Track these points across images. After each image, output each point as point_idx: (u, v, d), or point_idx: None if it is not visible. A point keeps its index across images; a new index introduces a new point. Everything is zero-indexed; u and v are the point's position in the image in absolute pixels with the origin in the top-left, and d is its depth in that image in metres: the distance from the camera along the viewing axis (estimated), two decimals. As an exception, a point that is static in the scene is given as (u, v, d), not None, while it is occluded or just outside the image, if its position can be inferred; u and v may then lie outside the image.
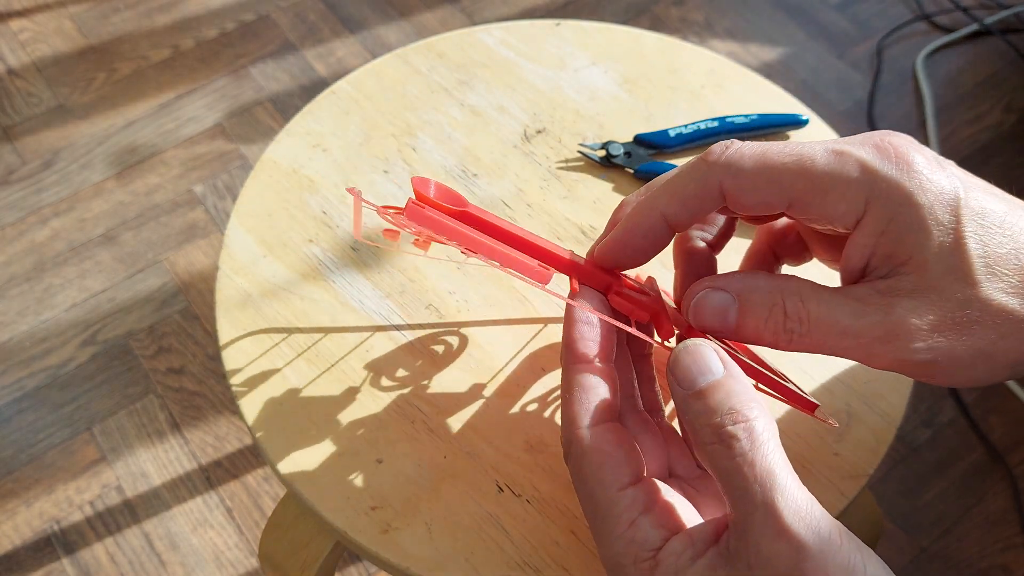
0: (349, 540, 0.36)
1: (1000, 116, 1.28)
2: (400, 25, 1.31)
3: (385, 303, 0.42)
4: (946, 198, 0.27)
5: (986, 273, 0.27)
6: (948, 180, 0.27)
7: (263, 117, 1.19)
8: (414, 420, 0.39)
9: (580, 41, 0.53)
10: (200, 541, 0.88)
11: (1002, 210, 0.28)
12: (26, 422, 0.94)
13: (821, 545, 0.25)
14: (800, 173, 0.28)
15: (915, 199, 0.27)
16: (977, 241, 0.27)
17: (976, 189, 0.28)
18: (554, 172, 0.48)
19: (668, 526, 0.28)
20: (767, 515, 0.25)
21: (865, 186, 0.27)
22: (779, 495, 0.25)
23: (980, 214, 0.27)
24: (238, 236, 0.44)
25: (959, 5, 1.39)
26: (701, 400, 0.28)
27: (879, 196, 0.27)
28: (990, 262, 0.27)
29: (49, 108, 1.19)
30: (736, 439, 0.26)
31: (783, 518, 0.25)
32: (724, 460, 0.26)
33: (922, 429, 1.00)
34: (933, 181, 0.27)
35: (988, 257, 0.27)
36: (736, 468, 0.26)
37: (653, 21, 1.34)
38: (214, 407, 0.96)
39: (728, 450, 0.26)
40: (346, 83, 0.51)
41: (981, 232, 0.27)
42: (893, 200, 0.27)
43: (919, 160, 0.27)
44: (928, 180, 0.27)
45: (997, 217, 0.28)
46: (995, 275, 0.27)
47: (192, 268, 1.05)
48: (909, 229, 0.27)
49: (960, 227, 0.27)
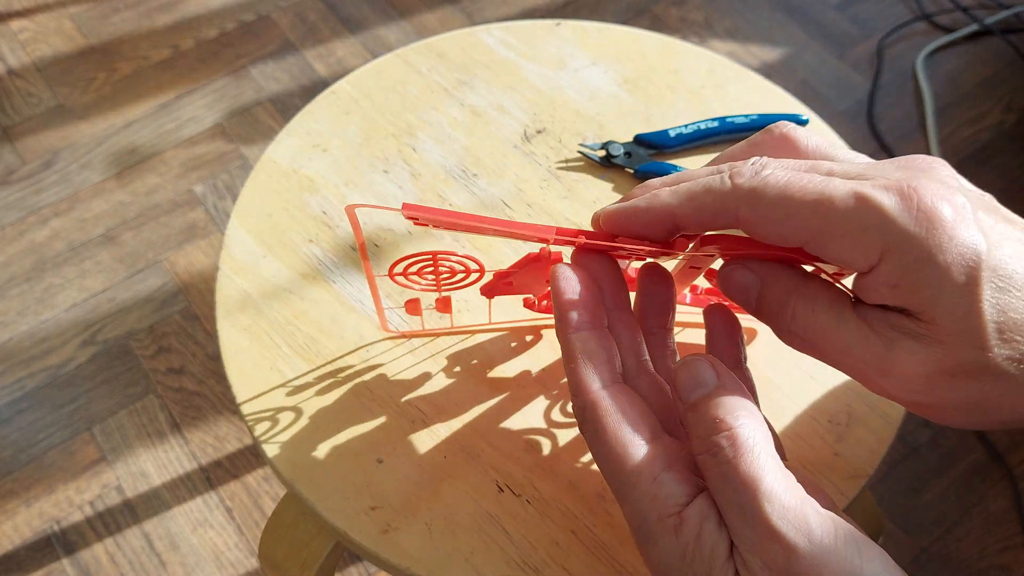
0: (349, 540, 0.36)
1: (1000, 116, 1.28)
2: (400, 25, 1.31)
3: (384, 303, 0.42)
4: (967, 257, 0.26)
5: (998, 339, 0.26)
6: (972, 236, 0.26)
7: (263, 117, 1.19)
8: (414, 420, 0.39)
9: (580, 41, 0.53)
10: (200, 541, 0.88)
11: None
12: (26, 422, 0.94)
13: (812, 547, 0.25)
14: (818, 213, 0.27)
15: (932, 258, 0.26)
16: (993, 306, 0.26)
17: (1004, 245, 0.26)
18: (554, 172, 0.48)
19: (692, 483, 0.28)
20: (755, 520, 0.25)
21: (880, 237, 0.26)
22: (764, 500, 0.25)
23: (1001, 276, 0.26)
24: (238, 236, 0.44)
25: (959, 5, 1.39)
26: (694, 412, 0.28)
27: (894, 250, 0.26)
28: (1004, 327, 0.26)
29: (49, 108, 1.19)
30: (719, 447, 0.26)
31: (770, 521, 0.25)
32: (711, 469, 0.27)
33: (922, 429, 1.00)
34: (955, 239, 0.26)
35: (1003, 323, 0.26)
36: (721, 476, 0.26)
37: (653, 21, 1.34)
38: (214, 407, 0.96)
39: (713, 459, 0.26)
40: (346, 83, 0.51)
41: (999, 296, 0.26)
42: (908, 256, 0.26)
43: (945, 212, 0.26)
44: (949, 238, 0.26)
45: (1020, 279, 0.26)
46: (1007, 341, 0.26)
47: (192, 268, 1.05)
48: (922, 286, 0.26)
49: (978, 289, 0.26)
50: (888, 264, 0.26)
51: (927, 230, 0.26)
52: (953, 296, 0.26)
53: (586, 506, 0.37)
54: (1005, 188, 1.19)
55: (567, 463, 0.38)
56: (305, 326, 0.41)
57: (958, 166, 1.23)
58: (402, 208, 0.30)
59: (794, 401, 0.40)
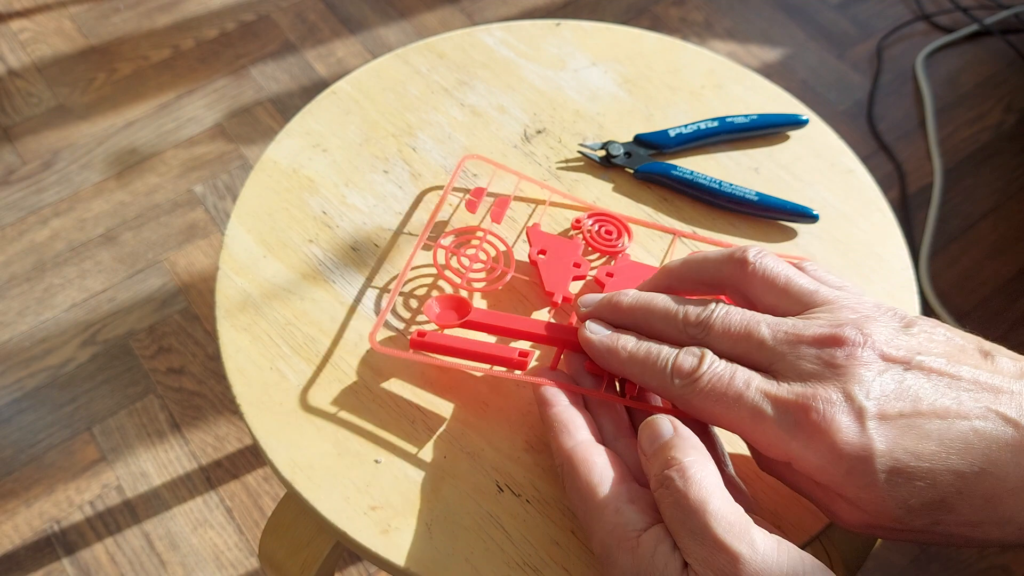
0: (349, 540, 0.36)
1: (1000, 116, 1.28)
2: (400, 25, 1.31)
3: (384, 303, 0.42)
4: (855, 461, 0.29)
5: (907, 515, 0.30)
6: (856, 445, 0.29)
7: (263, 117, 1.19)
8: (414, 420, 0.39)
9: (580, 41, 0.53)
10: (200, 541, 0.88)
11: (919, 450, 0.29)
12: (26, 422, 0.94)
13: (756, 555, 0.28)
14: (736, 424, 0.32)
15: (824, 469, 0.30)
16: (891, 492, 0.29)
17: (894, 435, 0.29)
18: (554, 172, 0.48)
19: (651, 515, 0.31)
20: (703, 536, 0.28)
21: (782, 449, 0.31)
22: (711, 518, 0.28)
23: (894, 466, 0.29)
24: (238, 236, 0.44)
25: (959, 5, 1.39)
26: (653, 458, 0.31)
27: (794, 459, 0.31)
28: (910, 508, 0.29)
29: (49, 108, 1.19)
30: (671, 480, 0.30)
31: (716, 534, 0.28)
32: (664, 500, 0.30)
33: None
34: (841, 453, 0.29)
35: (907, 505, 0.29)
36: (673, 504, 0.30)
37: (653, 21, 1.34)
38: (214, 407, 0.96)
39: (666, 490, 0.30)
40: (346, 83, 0.51)
41: (897, 481, 0.29)
42: (806, 465, 0.30)
43: (828, 427, 0.29)
44: (835, 455, 0.29)
45: (911, 466, 0.29)
46: (915, 515, 0.30)
47: (192, 268, 1.05)
48: (832, 484, 0.30)
49: (875, 484, 0.29)
50: (797, 465, 0.31)
51: (815, 448, 0.30)
52: (856, 491, 0.30)
53: (586, 506, 0.37)
54: (1004, 188, 1.19)
55: (567, 463, 0.38)
56: (305, 326, 0.42)
57: (958, 166, 1.23)
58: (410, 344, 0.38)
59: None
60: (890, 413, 0.30)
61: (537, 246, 0.43)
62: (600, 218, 0.45)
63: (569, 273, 0.42)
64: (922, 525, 0.30)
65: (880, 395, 0.30)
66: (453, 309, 0.40)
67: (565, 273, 0.42)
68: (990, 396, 0.30)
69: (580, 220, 0.45)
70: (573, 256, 0.43)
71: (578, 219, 0.45)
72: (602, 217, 0.45)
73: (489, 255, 0.43)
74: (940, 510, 0.30)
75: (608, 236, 0.45)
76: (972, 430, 0.29)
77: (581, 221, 0.45)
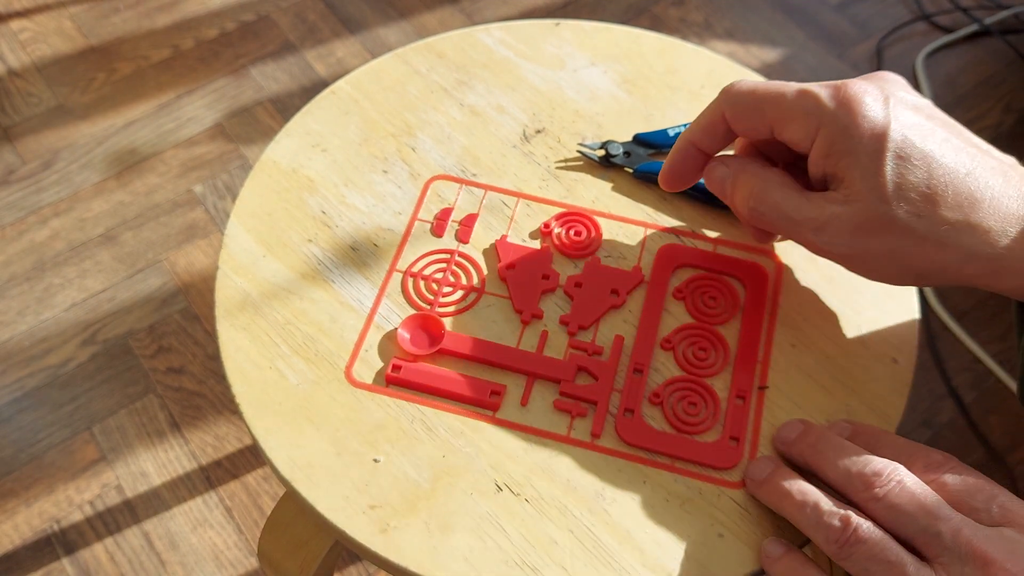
0: (348, 539, 0.36)
1: (1000, 116, 1.28)
2: (400, 25, 1.31)
3: (384, 303, 0.42)
4: (875, 132, 0.34)
5: (896, 196, 0.34)
6: (880, 117, 0.34)
7: (263, 117, 1.19)
8: (413, 420, 0.39)
9: (580, 41, 0.53)
10: (200, 541, 0.88)
11: (925, 146, 0.34)
12: (26, 422, 0.94)
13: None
14: (774, 104, 0.36)
15: (848, 131, 0.34)
16: (893, 169, 0.34)
17: (908, 126, 0.34)
18: (553, 172, 0.48)
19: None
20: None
21: (815, 119, 0.35)
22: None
23: (901, 146, 0.34)
24: (238, 236, 0.44)
25: (959, 5, 1.39)
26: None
27: (824, 127, 0.35)
28: (901, 187, 0.34)
29: (49, 108, 1.19)
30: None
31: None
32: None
33: (922, 429, 1.00)
34: (866, 117, 0.34)
35: (900, 184, 0.34)
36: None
37: (653, 21, 1.34)
38: (214, 407, 0.96)
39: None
40: (346, 83, 0.51)
41: (898, 162, 0.34)
42: (833, 131, 0.35)
43: (861, 98, 0.34)
44: (862, 116, 0.34)
45: (916, 150, 0.34)
46: (903, 199, 0.34)
47: (192, 268, 1.05)
48: (843, 154, 0.35)
49: (882, 156, 0.34)
50: (820, 138, 0.35)
51: (846, 111, 0.34)
52: (863, 160, 0.34)
53: (585, 505, 0.37)
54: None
55: (566, 462, 0.38)
56: (305, 326, 0.42)
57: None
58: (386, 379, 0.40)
59: (793, 401, 0.40)
60: (901, 110, 0.35)
61: (506, 260, 0.43)
62: (568, 219, 0.45)
63: (539, 288, 0.42)
64: (904, 214, 0.34)
65: (902, 100, 0.36)
66: (424, 330, 0.41)
67: (535, 288, 0.42)
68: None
69: (548, 225, 0.45)
70: (543, 268, 0.43)
71: (546, 223, 0.45)
72: (570, 218, 0.45)
73: (459, 276, 0.43)
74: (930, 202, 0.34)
75: (577, 237, 0.45)
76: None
77: (549, 226, 0.45)
